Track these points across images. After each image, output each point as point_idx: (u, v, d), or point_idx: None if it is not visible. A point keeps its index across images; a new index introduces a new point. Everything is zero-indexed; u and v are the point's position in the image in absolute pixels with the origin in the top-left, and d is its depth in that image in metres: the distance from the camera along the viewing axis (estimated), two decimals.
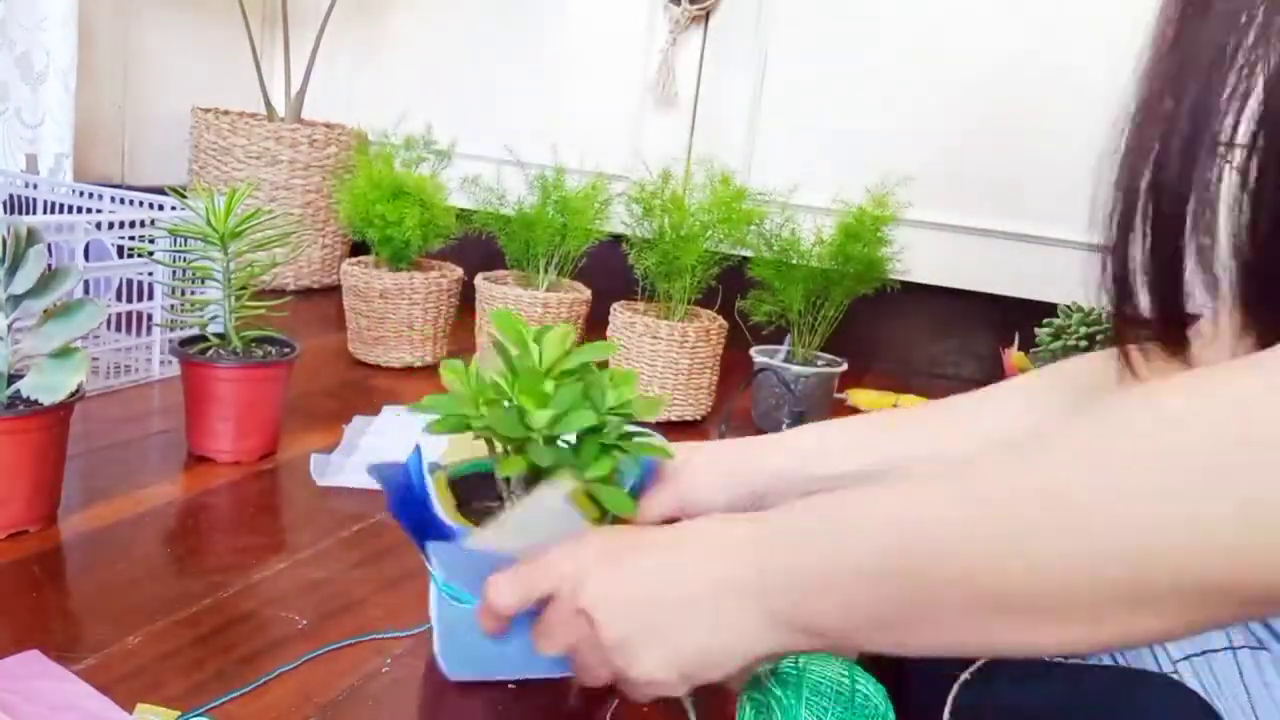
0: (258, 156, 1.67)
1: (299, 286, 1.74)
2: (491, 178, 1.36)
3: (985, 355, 1.63)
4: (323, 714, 0.59)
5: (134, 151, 1.74)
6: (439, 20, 1.86)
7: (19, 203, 1.37)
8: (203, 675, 0.61)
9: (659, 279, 1.22)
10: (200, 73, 1.84)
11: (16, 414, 0.73)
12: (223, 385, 0.93)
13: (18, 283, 0.73)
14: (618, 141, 1.73)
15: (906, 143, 1.57)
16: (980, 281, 1.59)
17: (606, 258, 1.34)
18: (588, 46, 1.77)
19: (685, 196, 1.22)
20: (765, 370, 1.21)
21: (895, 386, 1.46)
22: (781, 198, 1.26)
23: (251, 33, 1.71)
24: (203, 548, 0.78)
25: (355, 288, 1.33)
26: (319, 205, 1.73)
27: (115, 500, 0.84)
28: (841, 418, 0.75)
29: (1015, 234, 1.55)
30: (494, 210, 1.32)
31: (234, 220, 0.93)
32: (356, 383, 1.26)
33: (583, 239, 1.29)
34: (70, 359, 0.74)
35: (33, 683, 0.57)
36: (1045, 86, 1.50)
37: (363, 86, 1.91)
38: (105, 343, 1.14)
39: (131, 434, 0.99)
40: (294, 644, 0.65)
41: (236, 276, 0.95)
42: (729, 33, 1.67)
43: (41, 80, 1.46)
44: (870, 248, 1.21)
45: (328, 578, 0.75)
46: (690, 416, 1.23)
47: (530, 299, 1.27)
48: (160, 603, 0.68)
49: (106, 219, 1.11)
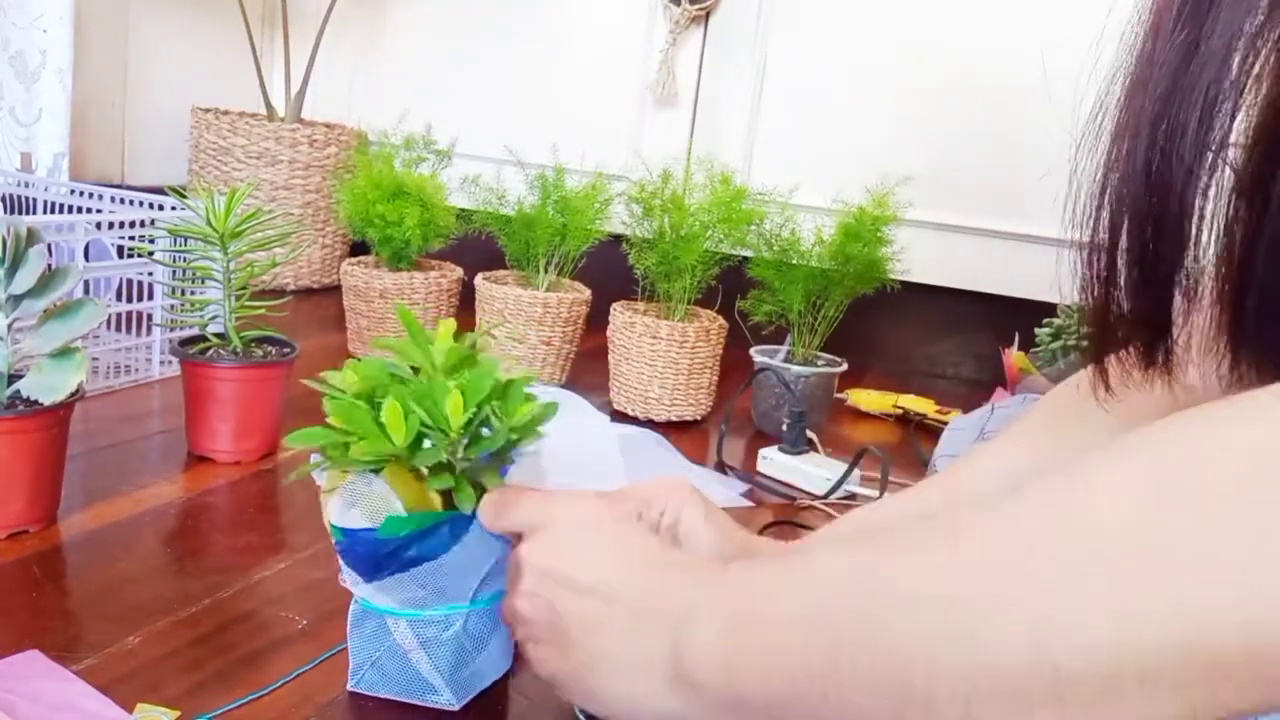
0: (258, 156, 1.67)
1: (299, 286, 1.74)
2: (491, 178, 1.36)
3: (985, 355, 1.63)
4: (322, 714, 0.59)
5: (134, 151, 1.74)
6: (439, 20, 1.86)
7: (18, 202, 1.37)
8: (203, 675, 0.61)
9: (659, 279, 1.22)
10: (200, 73, 1.84)
11: (16, 414, 0.73)
12: (223, 385, 0.93)
13: (18, 283, 0.73)
14: (618, 141, 1.73)
15: (906, 143, 1.57)
16: (980, 281, 1.59)
17: (606, 258, 1.34)
18: (588, 46, 1.77)
19: (685, 196, 1.22)
20: (765, 370, 1.21)
21: (895, 386, 1.46)
22: (781, 198, 1.26)
23: (251, 33, 1.71)
24: (203, 548, 0.78)
25: (355, 288, 1.33)
26: (319, 205, 1.73)
27: (115, 500, 0.84)
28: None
29: (1015, 234, 1.55)
30: (494, 210, 1.32)
31: (234, 220, 0.93)
32: None
33: (583, 239, 1.29)
34: (70, 359, 0.74)
35: (33, 683, 0.57)
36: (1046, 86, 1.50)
37: (363, 86, 1.91)
38: (105, 343, 1.15)
39: (131, 434, 0.99)
40: (294, 644, 0.65)
41: (236, 276, 0.95)
42: (729, 33, 1.68)
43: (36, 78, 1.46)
44: (870, 248, 1.21)
45: (328, 578, 0.75)
46: (690, 416, 1.23)
47: (530, 299, 1.27)
48: (160, 603, 0.68)
49: (106, 219, 1.11)
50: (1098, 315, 0.44)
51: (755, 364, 1.24)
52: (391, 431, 0.55)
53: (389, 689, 0.60)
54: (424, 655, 0.59)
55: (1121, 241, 0.41)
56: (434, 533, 0.57)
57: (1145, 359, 0.44)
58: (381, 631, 0.60)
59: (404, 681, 0.60)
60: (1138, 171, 0.40)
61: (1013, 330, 1.38)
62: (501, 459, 0.59)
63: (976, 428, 1.04)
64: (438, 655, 0.59)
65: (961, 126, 1.56)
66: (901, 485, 1.08)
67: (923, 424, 1.34)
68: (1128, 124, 0.41)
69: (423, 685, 0.60)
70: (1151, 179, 0.39)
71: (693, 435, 1.21)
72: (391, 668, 0.60)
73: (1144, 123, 0.39)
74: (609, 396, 1.27)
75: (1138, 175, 0.40)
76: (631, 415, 1.23)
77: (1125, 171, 0.41)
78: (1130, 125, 0.40)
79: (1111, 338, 0.44)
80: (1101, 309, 0.43)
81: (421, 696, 0.60)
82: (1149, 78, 0.40)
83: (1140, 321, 0.43)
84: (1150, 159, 0.39)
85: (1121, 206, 0.41)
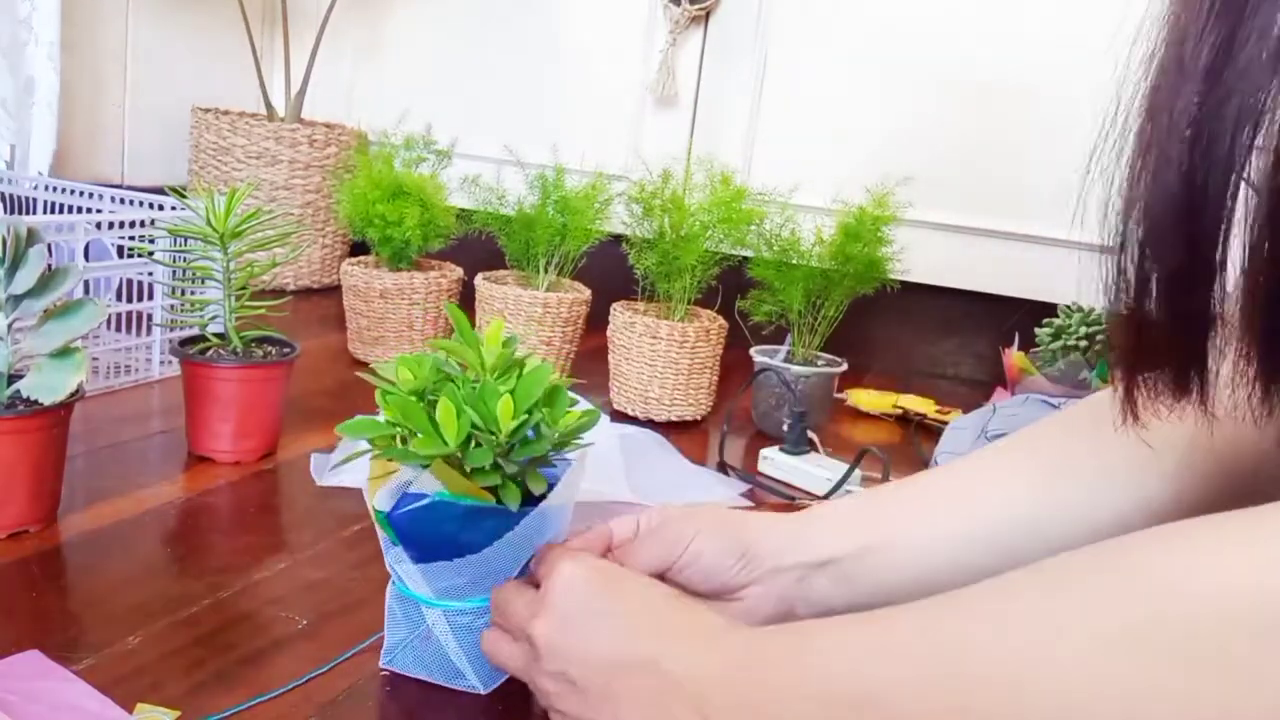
0: (258, 156, 1.67)
1: (299, 286, 1.74)
2: (491, 178, 1.36)
3: (985, 355, 1.63)
4: (322, 714, 0.59)
5: (134, 151, 1.74)
6: (439, 20, 1.86)
7: (17, 202, 1.37)
8: (203, 675, 0.61)
9: (659, 279, 1.22)
10: (200, 73, 1.84)
11: (16, 414, 0.73)
12: (223, 385, 0.93)
13: (18, 283, 0.73)
14: (618, 141, 1.73)
15: (906, 143, 1.57)
16: (980, 281, 1.59)
17: (606, 258, 1.34)
18: (588, 46, 1.77)
19: (685, 196, 1.22)
20: (765, 370, 1.21)
21: (895, 386, 1.46)
22: (781, 198, 1.26)
23: (251, 33, 1.71)
24: (203, 548, 0.78)
25: (355, 288, 1.33)
26: (319, 205, 1.72)
27: (115, 500, 0.84)
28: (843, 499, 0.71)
29: (1015, 234, 1.55)
30: (494, 210, 1.32)
31: (234, 220, 0.93)
32: (356, 383, 1.26)
33: (583, 239, 1.29)
34: (70, 359, 0.74)
35: (33, 683, 0.57)
36: (1046, 86, 1.50)
37: (363, 86, 1.91)
38: (105, 343, 1.14)
39: (131, 434, 0.99)
40: (294, 644, 0.65)
41: (236, 276, 0.95)
42: (729, 33, 1.67)
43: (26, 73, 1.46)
44: (870, 248, 1.21)
45: (328, 578, 0.75)
46: (690, 416, 1.23)
47: (530, 299, 1.27)
48: (160, 603, 0.68)
49: (106, 219, 1.11)
50: (1127, 341, 0.42)
51: (755, 364, 1.24)
52: (444, 430, 0.57)
53: (420, 670, 0.63)
54: (455, 642, 0.62)
55: (1149, 265, 0.39)
56: (481, 523, 0.59)
57: (1176, 388, 0.41)
58: (416, 615, 0.62)
59: (435, 664, 0.62)
60: (1167, 190, 0.37)
61: (1013, 330, 1.38)
62: (544, 462, 0.62)
63: (976, 427, 1.04)
64: (468, 643, 0.61)
65: (962, 126, 1.56)
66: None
67: (923, 424, 1.34)
68: (1154, 139, 0.38)
69: (452, 670, 0.62)
70: (1181, 198, 0.37)
71: (693, 435, 1.21)
72: (424, 650, 0.62)
73: (1171, 138, 0.37)
74: (609, 396, 1.27)
75: (1167, 194, 0.37)
76: (631, 415, 1.23)
77: (1153, 190, 0.38)
78: (1156, 140, 0.38)
79: (1142, 364, 0.42)
80: (1132, 335, 0.41)
81: (451, 680, 0.62)
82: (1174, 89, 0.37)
83: (1173, 348, 0.40)
84: (1178, 174, 0.37)
85: (1150, 228, 0.38)
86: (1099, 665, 0.35)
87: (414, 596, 0.62)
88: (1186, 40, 0.36)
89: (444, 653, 0.62)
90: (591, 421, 0.62)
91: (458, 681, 0.62)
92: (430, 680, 0.63)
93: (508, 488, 0.59)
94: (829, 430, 1.26)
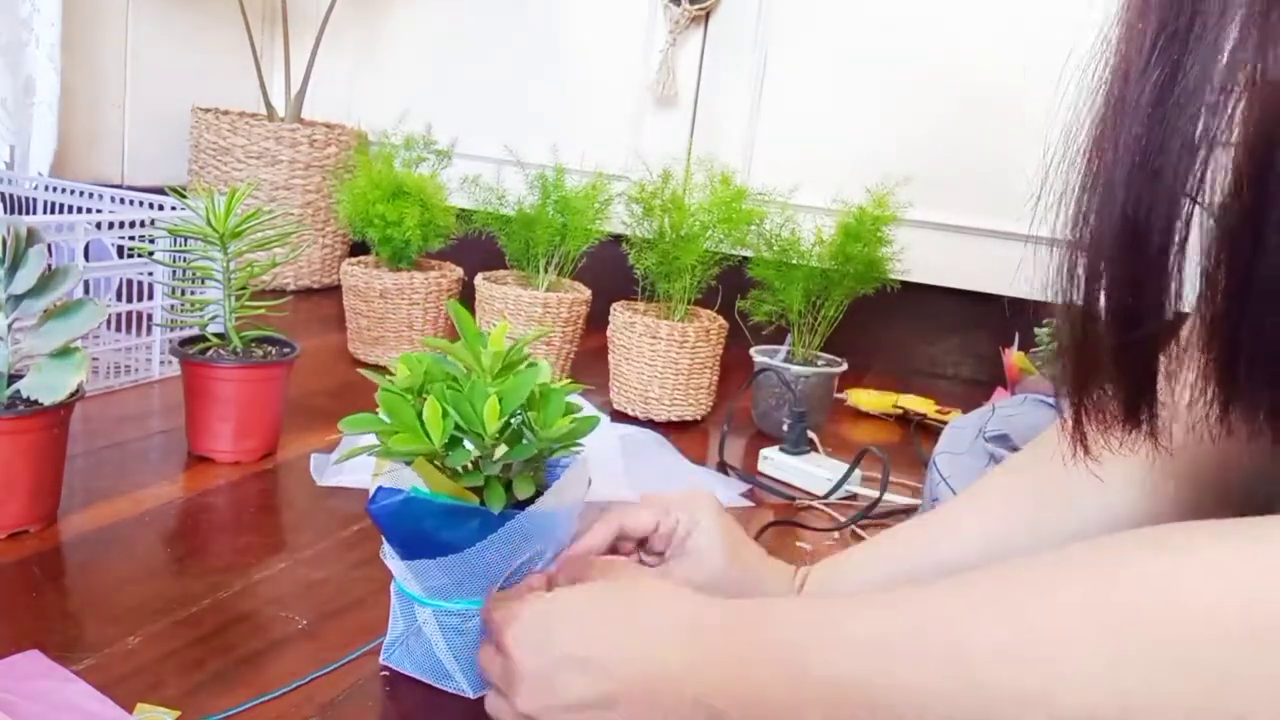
0: (258, 156, 1.67)
1: (299, 286, 1.74)
2: (491, 178, 1.36)
3: (985, 355, 1.63)
4: (323, 714, 0.59)
5: (134, 151, 1.74)
6: (439, 20, 1.86)
7: (17, 202, 1.37)
8: (203, 675, 0.61)
9: (659, 279, 1.22)
10: (200, 73, 1.84)
11: (16, 414, 0.73)
12: (223, 385, 0.93)
13: (18, 283, 0.73)
14: (618, 141, 1.73)
15: (906, 143, 1.57)
16: (980, 281, 1.59)
17: (606, 258, 1.34)
18: (588, 46, 1.77)
19: (685, 196, 1.22)
20: (765, 370, 1.21)
21: (895, 386, 1.46)
22: (781, 198, 1.26)
23: (251, 33, 1.71)
24: (203, 548, 0.78)
25: (355, 288, 1.33)
26: (319, 205, 1.72)
27: (115, 500, 0.84)
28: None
29: (1015, 234, 1.55)
30: (494, 210, 1.32)
31: (234, 220, 0.93)
32: (356, 383, 1.26)
33: (583, 239, 1.29)
34: (70, 359, 0.74)
35: (33, 683, 0.57)
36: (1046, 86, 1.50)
37: (363, 86, 1.91)
38: (105, 343, 1.14)
39: (131, 434, 0.99)
40: (294, 644, 0.65)
41: (236, 276, 0.95)
42: (729, 33, 1.67)
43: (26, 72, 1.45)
44: (870, 248, 1.21)
45: (328, 578, 0.75)
46: (690, 416, 1.23)
47: (530, 299, 1.27)
48: (160, 603, 0.68)
49: (106, 219, 1.11)
50: (1076, 374, 0.42)
51: (755, 364, 1.24)
52: (430, 429, 0.57)
53: (413, 668, 0.63)
54: (444, 642, 0.62)
55: (1098, 295, 0.39)
56: (464, 523, 0.59)
57: (1127, 418, 0.41)
58: (411, 612, 0.62)
59: (426, 664, 0.63)
60: (1113, 220, 0.37)
61: (1013, 330, 1.37)
62: (537, 466, 0.62)
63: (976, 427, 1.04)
64: (456, 645, 0.62)
65: (962, 126, 1.56)
66: (901, 485, 1.08)
67: (923, 424, 1.34)
68: (1100, 171, 0.38)
69: (442, 671, 0.62)
70: (1127, 228, 0.37)
71: (693, 435, 1.21)
72: (417, 649, 0.63)
73: (1118, 171, 0.37)
74: (609, 396, 1.27)
75: (1113, 224, 0.37)
76: (631, 415, 1.23)
77: (1099, 220, 0.38)
78: (1103, 173, 0.38)
79: (1089, 398, 0.42)
80: (1080, 367, 0.41)
81: (440, 681, 0.62)
82: (1120, 123, 0.37)
83: (1121, 379, 0.40)
84: (1126, 208, 0.37)
85: (1097, 258, 0.39)
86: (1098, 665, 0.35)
87: (409, 594, 0.62)
88: (1130, 75, 0.37)
89: (435, 654, 0.62)
90: (588, 426, 0.61)
91: (447, 683, 0.62)
92: (423, 680, 0.63)
93: (492, 489, 0.59)
94: (829, 430, 1.26)
